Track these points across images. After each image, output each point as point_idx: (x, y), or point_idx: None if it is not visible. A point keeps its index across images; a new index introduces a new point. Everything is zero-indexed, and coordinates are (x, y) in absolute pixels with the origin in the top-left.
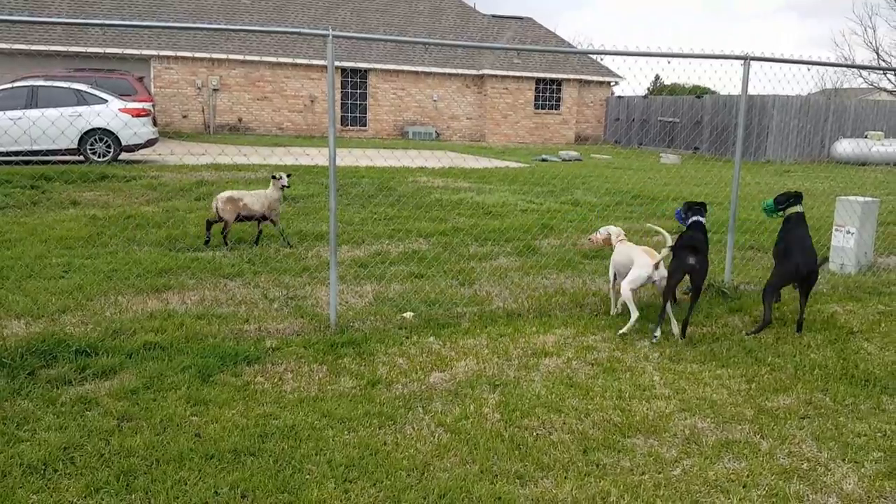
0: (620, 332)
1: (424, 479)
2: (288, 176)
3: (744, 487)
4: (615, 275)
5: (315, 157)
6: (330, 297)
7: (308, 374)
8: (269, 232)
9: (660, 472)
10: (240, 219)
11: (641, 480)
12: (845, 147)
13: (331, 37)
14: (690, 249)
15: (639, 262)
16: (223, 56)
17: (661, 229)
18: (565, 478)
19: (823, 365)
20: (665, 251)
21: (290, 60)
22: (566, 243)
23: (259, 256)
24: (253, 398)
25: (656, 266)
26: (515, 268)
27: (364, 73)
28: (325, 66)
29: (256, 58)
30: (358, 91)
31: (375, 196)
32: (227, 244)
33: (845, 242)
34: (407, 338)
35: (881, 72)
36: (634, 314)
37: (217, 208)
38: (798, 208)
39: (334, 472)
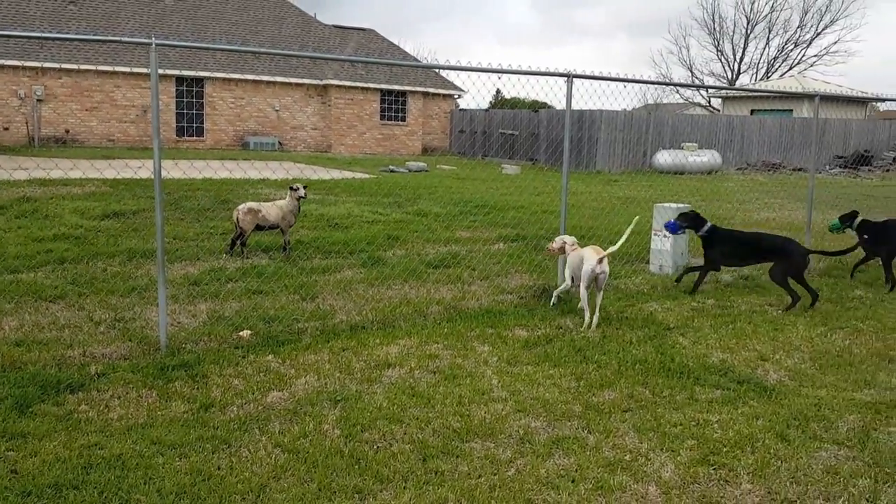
0: (583, 331)
1: (260, 502)
2: (304, 188)
3: (572, 482)
4: (572, 277)
5: (139, 169)
6: (159, 318)
7: (136, 400)
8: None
9: (495, 474)
10: (258, 228)
11: (478, 484)
12: (661, 158)
13: (154, 45)
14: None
15: (587, 258)
16: (48, 64)
17: (627, 233)
18: (404, 488)
19: (644, 360)
20: (612, 248)
21: (119, 69)
22: (411, 253)
23: (84, 276)
24: (76, 428)
25: (600, 261)
26: (360, 280)
27: (200, 82)
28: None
29: (84, 66)
30: (194, 100)
31: (212, 209)
32: (231, 250)
33: (662, 245)
34: (243, 357)
35: (694, 88)
36: (587, 312)
37: (238, 219)
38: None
39: (164, 500)
